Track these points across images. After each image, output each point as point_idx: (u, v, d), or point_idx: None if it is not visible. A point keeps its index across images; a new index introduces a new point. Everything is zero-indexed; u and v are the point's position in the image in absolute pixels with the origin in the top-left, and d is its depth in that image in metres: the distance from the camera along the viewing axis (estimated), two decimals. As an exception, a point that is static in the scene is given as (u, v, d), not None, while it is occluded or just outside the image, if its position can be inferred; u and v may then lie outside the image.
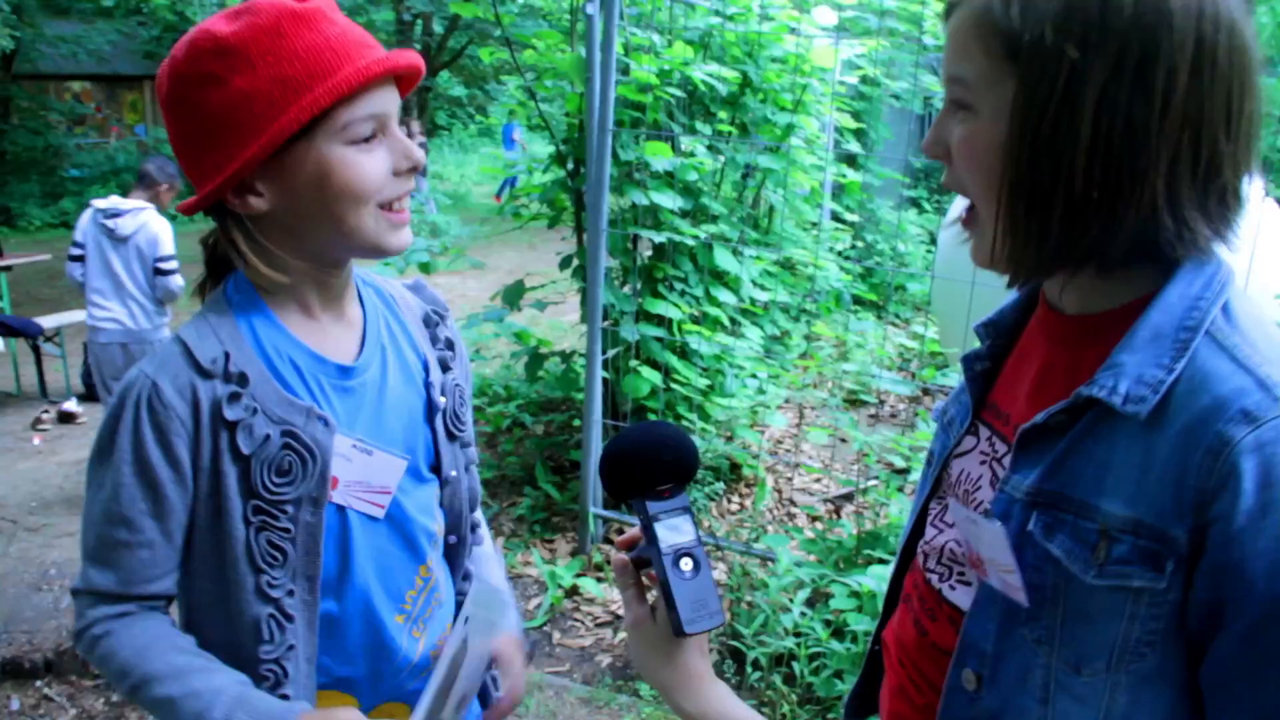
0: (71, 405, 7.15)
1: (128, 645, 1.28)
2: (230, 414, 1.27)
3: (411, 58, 1.31)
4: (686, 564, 1.09)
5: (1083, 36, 0.94)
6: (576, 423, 5.42)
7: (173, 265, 5.28)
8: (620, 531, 4.84)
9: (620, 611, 4.23)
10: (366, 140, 1.28)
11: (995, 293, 1.28)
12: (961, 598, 1.18)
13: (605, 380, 4.71)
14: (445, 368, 1.54)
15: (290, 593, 1.32)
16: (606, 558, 4.62)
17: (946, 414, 1.32)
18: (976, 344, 1.30)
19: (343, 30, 1.28)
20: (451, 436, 1.51)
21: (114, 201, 5.25)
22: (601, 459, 1.16)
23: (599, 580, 4.44)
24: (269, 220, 1.31)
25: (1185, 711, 1.00)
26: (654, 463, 1.13)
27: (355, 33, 1.29)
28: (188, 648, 1.30)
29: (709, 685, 1.14)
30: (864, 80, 6.94)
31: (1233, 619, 0.93)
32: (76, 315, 8.13)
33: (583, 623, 4.17)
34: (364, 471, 1.38)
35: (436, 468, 1.50)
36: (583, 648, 3.99)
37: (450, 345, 1.57)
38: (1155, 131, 0.94)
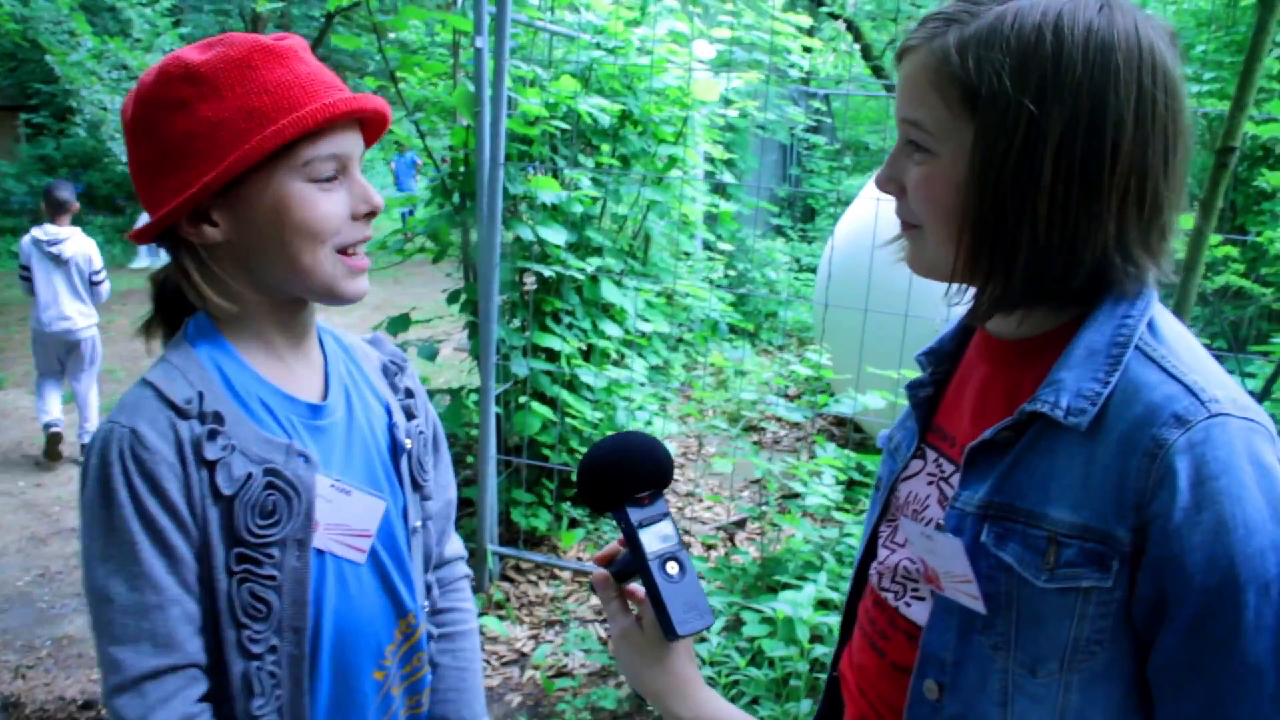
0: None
1: None
2: (210, 453, 1.22)
3: (378, 103, 1.31)
4: (673, 567, 1.11)
5: (1039, 89, 1.01)
6: (469, 459, 5.35)
7: (103, 275, 6.77)
8: (518, 568, 4.78)
9: (525, 649, 4.18)
10: (328, 180, 1.27)
11: (885, 319, 1.35)
12: (918, 613, 1.23)
13: (496, 416, 4.67)
14: (410, 415, 1.51)
15: (273, 649, 1.26)
16: (507, 595, 4.56)
17: (893, 440, 1.38)
18: (869, 369, 1.38)
19: (313, 71, 1.28)
20: (415, 485, 1.47)
21: (50, 231, 6.53)
22: (580, 473, 1.17)
23: (501, 618, 4.38)
24: (223, 251, 1.28)
25: (1134, 706, 1.06)
26: (633, 470, 1.15)
27: (326, 74, 1.29)
28: None
29: (701, 689, 1.16)
30: (741, 114, 7.06)
31: (1175, 611, 0.99)
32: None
33: (489, 662, 4.10)
34: (344, 513, 1.33)
35: (405, 514, 1.45)
36: (491, 688, 3.92)
37: (410, 394, 1.54)
38: (1107, 178, 1.02)
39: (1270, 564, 0.98)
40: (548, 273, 4.76)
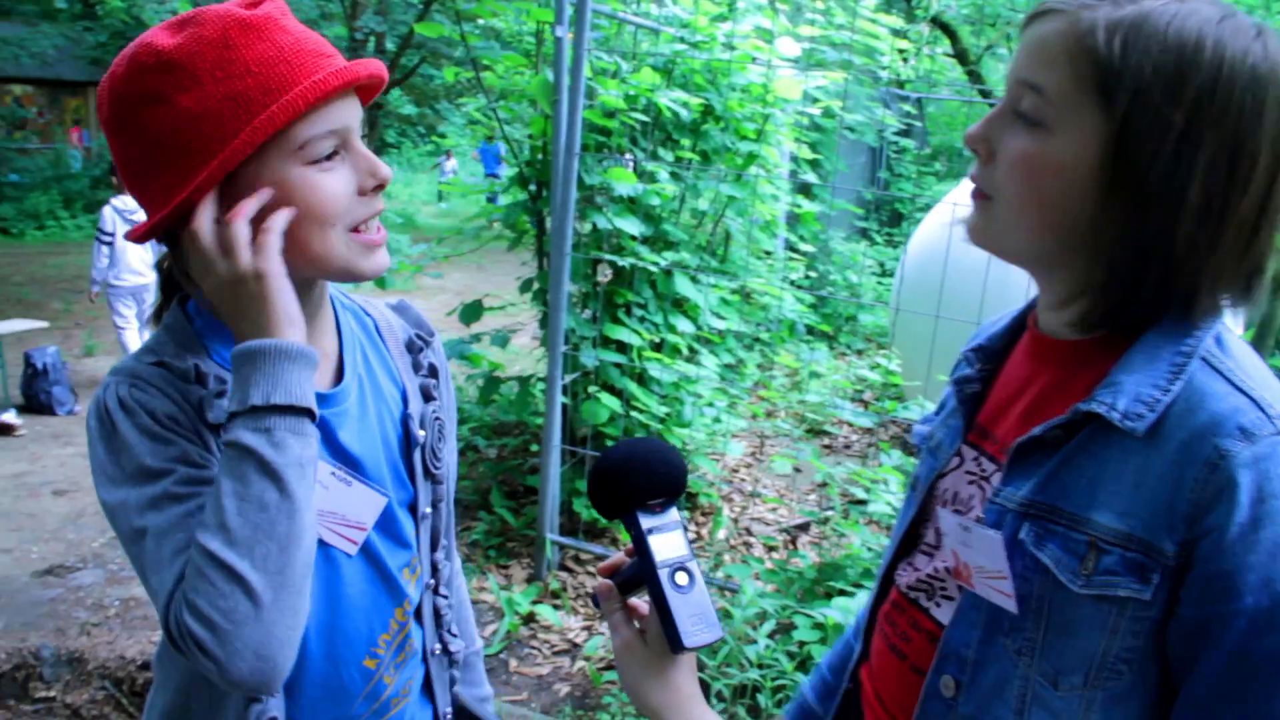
0: (10, 417, 6.98)
1: None
2: (213, 416, 1.16)
3: (373, 67, 1.21)
4: (682, 578, 1.07)
5: (1195, 103, 0.97)
6: (533, 447, 5.37)
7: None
8: (577, 559, 4.79)
9: (578, 640, 4.18)
10: (328, 159, 1.17)
11: (958, 326, 1.30)
12: (944, 614, 1.20)
13: (563, 405, 4.68)
14: (427, 397, 1.44)
15: None
16: (563, 584, 4.58)
17: (933, 439, 1.34)
18: (940, 377, 1.32)
19: (296, 39, 1.16)
20: (427, 473, 1.42)
21: (127, 201, 7.25)
22: (592, 475, 1.14)
23: (556, 607, 4.39)
24: None
25: None
26: (647, 475, 1.10)
27: (310, 41, 1.18)
28: None
29: (700, 706, 1.12)
30: (825, 113, 6.99)
31: (1219, 634, 0.95)
32: (16, 325, 7.96)
33: (540, 650, 4.11)
34: (341, 502, 1.28)
35: (413, 506, 1.40)
36: (540, 676, 3.94)
37: (434, 372, 1.47)
38: (1232, 208, 0.99)
39: None
40: (623, 262, 4.76)
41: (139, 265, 7.55)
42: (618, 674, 1.15)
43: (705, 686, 3.60)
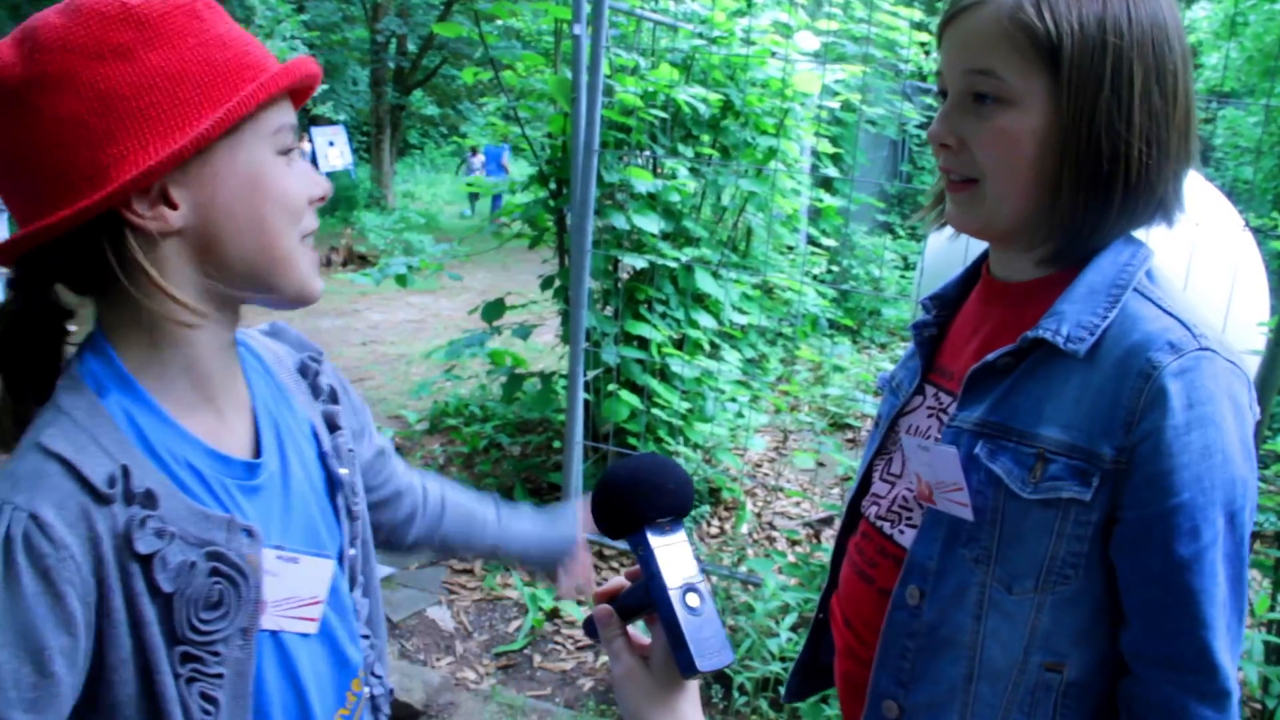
0: None
1: None
2: (143, 546, 0.96)
3: (314, 67, 1.11)
4: (694, 599, 1.00)
5: (1118, 47, 1.11)
6: (556, 444, 5.39)
7: None
8: (600, 555, 4.81)
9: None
10: (287, 154, 1.08)
11: None
12: (909, 540, 1.30)
13: (585, 402, 4.69)
14: (332, 426, 1.28)
15: None
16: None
17: (895, 379, 1.48)
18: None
19: (244, 32, 1.08)
20: (352, 516, 1.27)
21: None
22: (597, 491, 1.07)
23: (580, 603, 4.41)
24: (172, 246, 1.02)
25: (1100, 628, 1.18)
26: (656, 493, 1.04)
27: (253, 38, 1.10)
28: None
29: None
30: (844, 106, 6.98)
31: (1163, 534, 1.09)
32: None
33: (564, 645, 4.13)
34: (291, 584, 1.12)
35: (340, 555, 1.25)
36: (564, 671, 3.96)
37: (334, 396, 1.32)
38: (1170, 119, 1.15)
39: (1237, 495, 1.10)
40: (641, 263, 4.77)
41: None
42: (619, 703, 1.07)
43: (726, 680, 3.61)
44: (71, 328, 1.08)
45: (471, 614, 4.36)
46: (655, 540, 1.02)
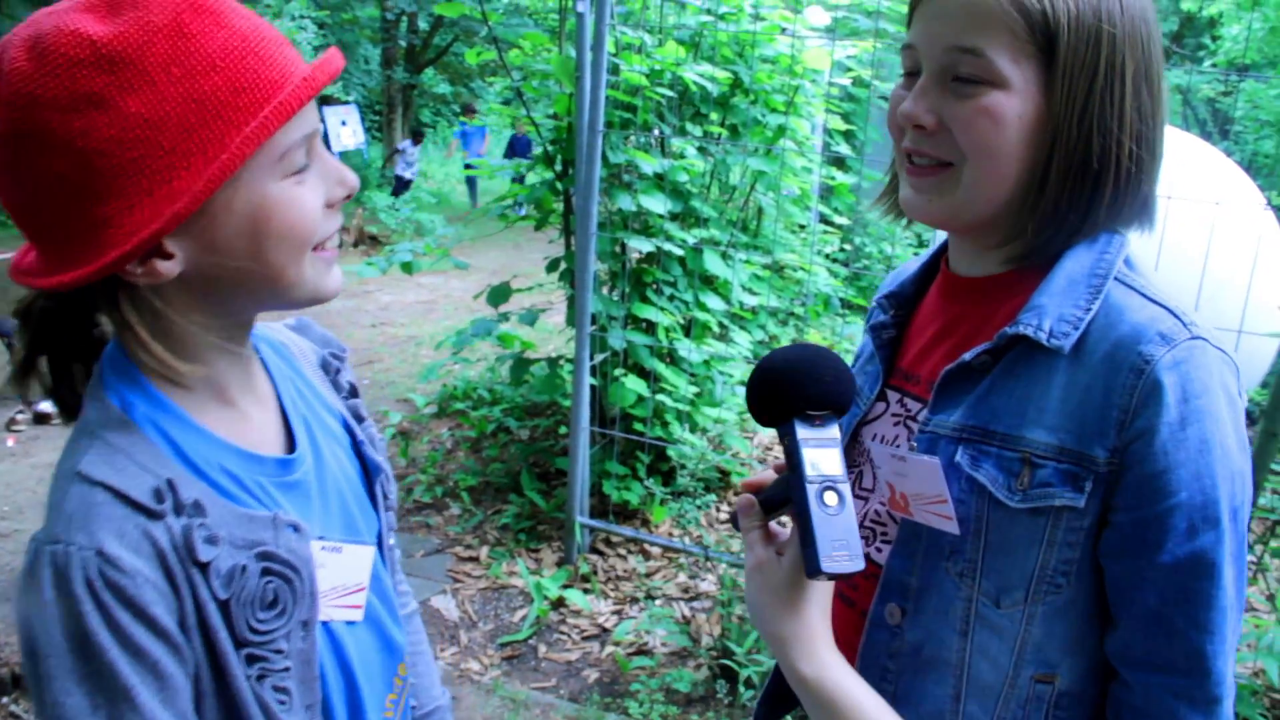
0: (48, 406, 7.03)
1: None
2: (203, 554, 0.96)
3: (340, 61, 1.02)
4: (831, 498, 0.98)
5: (1113, 39, 1.06)
6: (563, 429, 5.32)
7: None
8: (608, 541, 4.74)
9: (608, 624, 4.14)
10: (300, 171, 1.00)
11: None
12: (886, 558, 1.22)
13: (592, 387, 4.62)
14: (359, 418, 1.29)
15: None
16: (594, 568, 4.53)
17: None
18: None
19: (252, 23, 0.97)
20: (388, 502, 1.29)
21: None
22: (753, 375, 1.06)
23: (586, 592, 4.35)
24: (172, 289, 0.99)
25: (1089, 636, 1.11)
26: (814, 383, 1.02)
27: (266, 26, 0.99)
28: None
29: (829, 649, 1.03)
30: (856, 82, 6.86)
31: (1159, 537, 1.03)
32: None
33: (569, 636, 4.07)
34: (336, 574, 1.13)
35: (380, 541, 1.27)
36: (569, 662, 3.90)
37: (354, 391, 1.32)
38: (1156, 119, 1.10)
39: (1237, 490, 1.04)
40: (647, 247, 4.68)
41: None
42: (745, 593, 1.07)
43: (732, 675, 3.55)
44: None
45: (476, 603, 4.30)
46: (803, 432, 1.01)
